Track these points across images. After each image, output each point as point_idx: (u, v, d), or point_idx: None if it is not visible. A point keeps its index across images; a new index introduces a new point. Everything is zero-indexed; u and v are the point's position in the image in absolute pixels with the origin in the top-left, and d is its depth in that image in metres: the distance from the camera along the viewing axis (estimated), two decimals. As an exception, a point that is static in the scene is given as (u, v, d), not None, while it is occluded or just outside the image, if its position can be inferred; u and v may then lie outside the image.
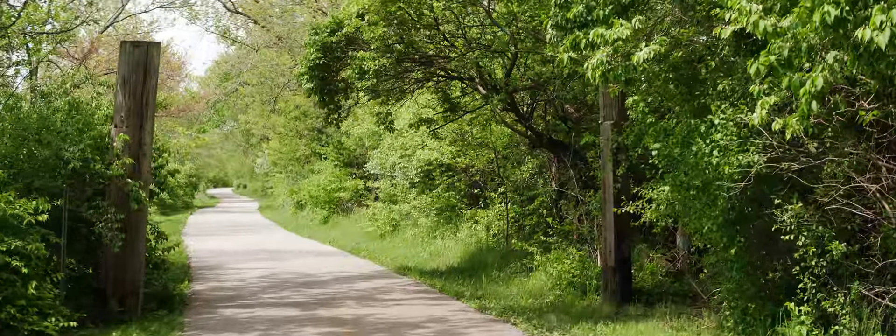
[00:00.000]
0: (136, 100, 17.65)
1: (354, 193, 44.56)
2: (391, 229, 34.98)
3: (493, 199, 27.60)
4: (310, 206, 48.92)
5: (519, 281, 21.35)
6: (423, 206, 32.31)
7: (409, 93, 24.80)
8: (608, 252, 18.03)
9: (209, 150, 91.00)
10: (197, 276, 24.75)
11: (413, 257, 28.13)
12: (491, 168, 29.06)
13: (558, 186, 24.85)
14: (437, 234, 30.61)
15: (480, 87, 23.17)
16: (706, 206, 13.56)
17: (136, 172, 17.45)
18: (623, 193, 17.52)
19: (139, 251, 17.78)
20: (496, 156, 27.92)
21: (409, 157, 32.09)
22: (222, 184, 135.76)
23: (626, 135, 15.97)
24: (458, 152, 29.47)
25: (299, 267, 26.44)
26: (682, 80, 13.91)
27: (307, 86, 22.77)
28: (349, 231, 38.87)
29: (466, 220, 29.42)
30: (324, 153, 49.70)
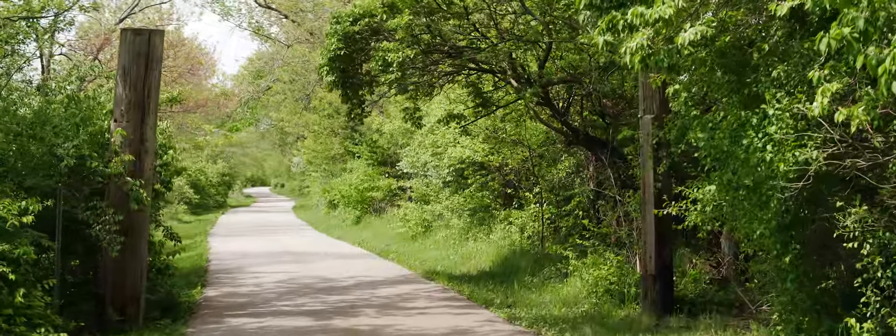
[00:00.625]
0: (137, 92, 16.43)
1: (387, 193, 43.27)
2: (423, 230, 33.64)
3: (527, 200, 26.22)
4: (342, 206, 47.69)
5: (552, 287, 19.91)
6: (456, 207, 30.94)
7: (438, 87, 23.41)
8: (648, 258, 16.54)
9: (244, 149, 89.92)
10: (212, 280, 23.51)
11: (443, 260, 26.77)
12: (525, 167, 27.66)
13: (596, 186, 23.47)
14: (470, 236, 29.26)
15: (513, 80, 21.74)
16: (757, 208, 12.06)
17: (137, 170, 16.26)
18: (664, 194, 16.02)
19: (141, 255, 16.54)
20: (531, 154, 26.50)
21: (441, 155, 30.71)
22: (260, 183, 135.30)
23: (668, 129, 14.52)
24: (491, 150, 28.05)
25: (322, 271, 25.15)
26: (730, 66, 12.41)
27: (328, 78, 21.42)
28: (380, 232, 37.59)
29: (500, 222, 28.05)
30: (357, 152, 48.43)
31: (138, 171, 16.25)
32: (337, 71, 21.14)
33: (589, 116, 23.44)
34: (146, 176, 16.43)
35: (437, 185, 32.94)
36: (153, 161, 16.96)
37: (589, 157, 23.99)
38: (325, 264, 27.05)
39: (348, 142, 51.29)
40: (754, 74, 12.08)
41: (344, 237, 38.12)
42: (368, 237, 36.57)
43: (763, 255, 13.31)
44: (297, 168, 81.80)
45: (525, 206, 26.58)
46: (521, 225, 26.34)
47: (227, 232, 43.32)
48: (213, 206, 67.33)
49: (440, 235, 31.21)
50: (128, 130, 16.21)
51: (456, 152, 29.36)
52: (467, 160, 29.25)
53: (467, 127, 25.56)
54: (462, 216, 30.71)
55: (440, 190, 32.90)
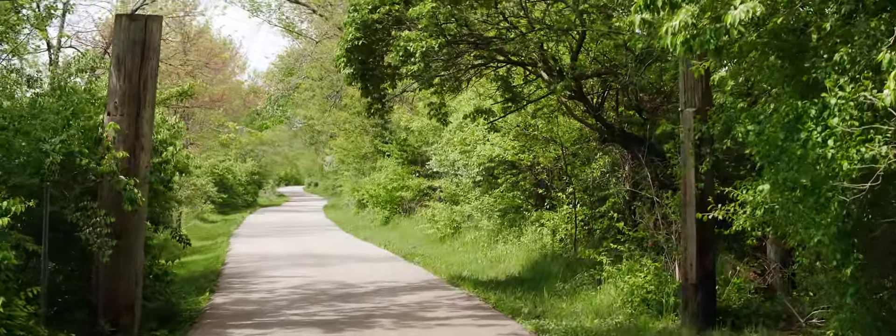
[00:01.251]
0: (132, 83, 15.15)
1: (417, 193, 41.90)
2: (452, 232, 32.24)
3: (560, 201, 24.82)
4: (371, 206, 46.42)
5: (585, 295, 18.45)
6: (486, 208, 29.51)
7: (464, 81, 22.01)
8: (689, 265, 15.06)
9: (275, 148, 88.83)
10: (224, 285, 22.23)
11: (470, 264, 25.38)
12: (558, 166, 26.23)
13: (632, 186, 22.16)
14: (499, 238, 27.86)
15: (544, 72, 20.31)
16: (813, 212, 10.57)
17: (131, 168, 14.97)
18: (707, 195, 14.54)
19: (135, 260, 15.22)
20: (563, 152, 25.06)
21: (470, 154, 29.29)
22: (294, 182, 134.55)
23: (712, 123, 13.07)
24: (521, 148, 26.62)
25: (342, 275, 23.86)
26: (785, 49, 10.93)
27: (346, 71, 20.02)
28: (408, 233, 36.29)
29: (531, 223, 26.64)
30: (387, 150, 47.12)
31: (133, 169, 14.95)
32: (355, 62, 19.76)
33: (624, 112, 22.02)
34: (141, 174, 15.13)
35: (466, 184, 31.55)
36: (150, 158, 15.67)
37: (624, 156, 22.70)
38: (346, 268, 25.75)
39: (378, 140, 49.98)
40: (812, 59, 10.58)
41: (371, 238, 36.84)
42: (395, 238, 35.30)
43: (821, 266, 11.81)
44: (330, 167, 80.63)
45: (557, 207, 25.26)
46: (553, 227, 24.97)
47: (251, 232, 42.34)
48: (242, 205, 66.35)
49: (469, 237, 29.82)
50: (122, 125, 14.92)
51: (485, 150, 27.94)
52: (497, 159, 27.84)
53: (496, 123, 24.04)
54: (492, 217, 29.32)
55: (470, 190, 31.50)
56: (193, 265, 27.06)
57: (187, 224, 43.36)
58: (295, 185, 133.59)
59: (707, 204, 14.03)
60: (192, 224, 45.64)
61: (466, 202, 31.44)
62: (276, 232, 42.60)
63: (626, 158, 22.62)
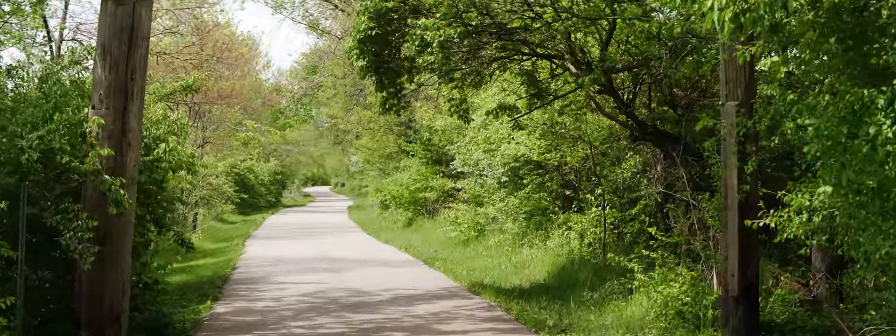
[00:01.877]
0: (118, 74, 13.79)
1: (441, 194, 40.52)
2: (475, 235, 30.86)
3: (588, 203, 23.40)
4: (393, 207, 45.09)
5: (615, 306, 16.99)
6: (510, 210, 28.08)
7: (487, 75, 20.59)
8: (730, 276, 13.57)
9: (300, 147, 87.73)
10: (228, 292, 20.90)
11: (493, 270, 23.98)
12: (586, 166, 24.81)
13: (664, 187, 20.73)
14: (525, 242, 26.48)
15: (571, 65, 18.88)
16: (880, 218, 9.14)
17: (117, 167, 13.59)
18: (753, 198, 13.07)
19: (121, 267, 13.87)
20: (592, 151, 23.64)
21: (494, 153, 27.87)
22: (321, 182, 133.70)
23: (760, 117, 11.62)
24: (548, 147, 25.20)
25: (357, 281, 22.50)
26: (846, 30, 9.46)
27: (358, 63, 18.67)
28: (431, 236, 34.93)
29: (558, 226, 25.23)
30: (411, 150, 45.77)
31: (119, 168, 13.59)
32: (369, 54, 18.40)
33: (657, 108, 20.58)
34: (129, 174, 13.78)
35: (491, 185, 30.14)
36: (138, 156, 14.30)
37: (656, 155, 21.42)
38: (362, 273, 24.41)
39: (402, 140, 48.68)
40: (882, 40, 9.12)
41: (392, 241, 35.49)
42: (417, 241, 33.97)
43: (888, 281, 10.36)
44: (356, 167, 79.58)
45: (585, 209, 23.90)
46: (581, 230, 23.59)
47: (269, 234, 41.21)
48: (264, 205, 65.33)
49: (493, 241, 28.43)
50: (107, 119, 13.57)
51: (510, 149, 26.54)
52: (522, 158, 26.43)
53: (520, 121, 22.54)
54: (517, 220, 27.89)
55: (494, 191, 30.09)
56: (202, 269, 25.78)
57: (204, 225, 42.20)
58: (322, 186, 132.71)
59: (752, 208, 12.56)
60: (211, 225, 44.52)
61: (491, 204, 30.04)
62: (296, 234, 41.43)
63: (658, 158, 21.34)
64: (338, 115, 63.53)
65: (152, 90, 20.53)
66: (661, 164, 21.18)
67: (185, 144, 21.49)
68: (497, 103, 21.52)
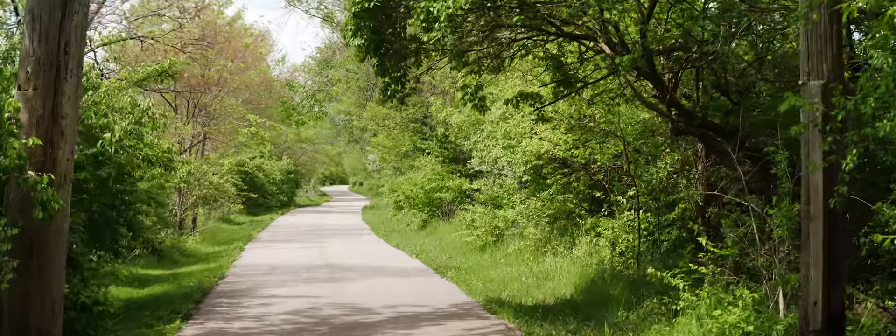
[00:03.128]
0: (49, 45, 11.14)
1: (458, 194, 37.84)
2: (494, 240, 28.11)
3: (620, 205, 20.69)
4: (407, 208, 42.44)
5: (658, 331, 14.19)
6: (532, 213, 25.24)
7: (507, 59, 17.82)
8: (812, 304, 10.59)
9: (315, 145, 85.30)
10: (206, 308, 18.15)
11: (513, 281, 21.25)
12: (617, 164, 22.06)
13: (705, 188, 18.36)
14: (548, 249, 23.75)
15: (605, 45, 16.06)
16: None
17: (46, 161, 10.91)
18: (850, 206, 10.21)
19: (51, 285, 11.19)
20: (625, 147, 20.88)
21: (514, 149, 25.06)
22: (340, 181, 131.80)
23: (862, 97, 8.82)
24: (575, 142, 22.44)
25: (356, 295, 19.79)
26: None
27: (354, 41, 15.86)
28: (445, 240, 32.26)
29: (585, 232, 22.49)
30: (426, 148, 43.11)
31: (49, 163, 10.95)
32: (367, 31, 15.63)
33: (703, 97, 17.81)
34: (61, 169, 11.11)
35: (510, 185, 27.35)
36: (72, 148, 11.57)
37: (697, 152, 19.21)
38: (366, 285, 21.65)
39: (417, 137, 46.05)
40: None
41: (403, 245, 32.74)
42: (430, 246, 31.30)
43: None
44: (373, 166, 77.32)
45: (617, 213, 21.29)
46: (612, 237, 20.86)
47: (273, 237, 38.71)
48: (276, 205, 63.04)
49: (512, 247, 25.62)
50: (34, 102, 10.95)
51: (532, 145, 23.73)
52: (546, 155, 23.64)
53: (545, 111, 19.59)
54: (539, 224, 25.06)
55: (514, 192, 27.30)
56: (187, 278, 23.10)
57: (204, 226, 39.65)
58: (340, 184, 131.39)
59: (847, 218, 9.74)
60: (214, 226, 42.04)
61: (510, 206, 27.23)
62: (301, 236, 38.89)
63: (699, 155, 19.05)
64: (351, 111, 60.97)
65: (124, 75, 17.98)
66: (702, 163, 18.87)
67: (162, 138, 18.82)
68: (518, 91, 18.60)
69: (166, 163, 18.09)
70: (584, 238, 22.41)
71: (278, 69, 64.00)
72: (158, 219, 26.08)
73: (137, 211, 18.13)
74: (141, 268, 24.40)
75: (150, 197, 19.84)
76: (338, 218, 54.84)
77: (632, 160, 21.02)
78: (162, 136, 19.12)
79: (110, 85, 16.58)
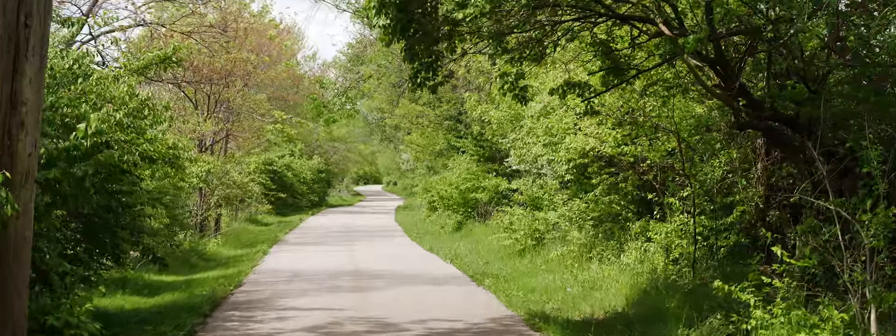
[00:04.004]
0: (6, 19, 9.28)
1: (494, 195, 35.93)
2: (533, 244, 26.13)
3: (673, 208, 18.83)
4: (441, 209, 40.55)
5: (726, 354, 12.28)
6: (575, 215, 23.18)
7: (550, 45, 15.83)
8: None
9: (348, 144, 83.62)
10: (214, 323, 16.26)
11: (556, 291, 19.29)
12: (670, 162, 20.10)
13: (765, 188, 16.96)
14: (594, 255, 21.78)
15: (663, 26, 14.05)
16: None
17: (3, 156, 9.08)
18: None
19: (11, 304, 9.39)
20: (680, 144, 18.91)
21: (557, 147, 23.04)
22: (374, 180, 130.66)
23: None
24: (624, 139, 20.47)
25: (383, 306, 17.93)
26: None
27: (379, 22, 13.86)
28: (482, 243, 30.31)
29: (634, 237, 20.55)
30: (461, 146, 41.22)
31: (6, 158, 9.12)
32: (392, 9, 13.67)
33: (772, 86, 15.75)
34: (20, 166, 9.27)
35: (551, 185, 25.33)
36: (36, 141, 9.70)
37: (757, 148, 17.54)
38: (394, 294, 19.76)
39: (452, 135, 44.18)
40: None
41: (437, 248, 30.86)
42: (466, 250, 29.35)
43: None
44: (407, 165, 75.81)
45: (669, 216, 19.45)
46: (665, 243, 18.90)
47: (300, 239, 37.00)
48: (306, 205, 61.54)
49: (554, 253, 23.60)
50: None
51: (577, 142, 21.73)
52: (591, 153, 21.64)
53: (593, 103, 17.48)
54: (583, 228, 23.03)
55: (555, 192, 25.25)
56: (201, 285, 21.28)
57: (227, 228, 37.86)
58: (374, 184, 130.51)
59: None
60: (240, 227, 40.32)
61: (551, 208, 25.21)
62: (330, 239, 37.18)
63: (759, 153, 17.44)
64: (383, 107, 59.24)
65: (123, 62, 16.21)
66: (763, 161, 17.25)
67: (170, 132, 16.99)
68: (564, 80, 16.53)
69: (172, 160, 16.26)
70: (633, 244, 20.50)
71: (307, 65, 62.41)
72: (172, 220, 24.26)
73: (138, 214, 16.27)
74: (154, 274, 22.69)
75: (155, 198, 18.01)
76: (370, 219, 53.19)
77: (687, 158, 19.10)
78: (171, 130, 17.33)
79: (105, 73, 14.74)
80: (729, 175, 18.76)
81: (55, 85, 13.52)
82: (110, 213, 15.03)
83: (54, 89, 13.47)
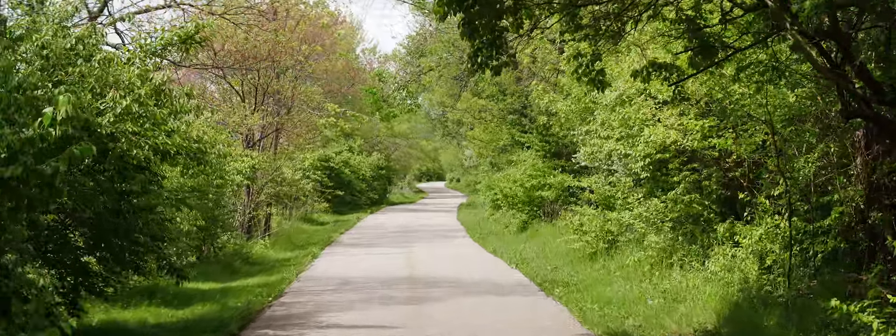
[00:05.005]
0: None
1: (561, 192, 33.68)
2: (605, 247, 23.85)
3: (763, 209, 16.85)
4: (505, 208, 38.41)
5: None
6: (653, 216, 20.85)
7: (631, 22, 13.63)
8: None
9: (409, 140, 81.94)
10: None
11: (636, 304, 17.11)
12: (759, 157, 17.82)
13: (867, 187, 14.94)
14: (675, 261, 19.49)
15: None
16: None
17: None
18: None
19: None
20: (773, 136, 16.64)
21: (634, 140, 20.71)
22: (437, 177, 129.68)
23: None
24: (710, 131, 18.21)
25: (441, 323, 15.91)
26: None
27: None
28: (549, 245, 28.13)
29: (720, 242, 18.27)
30: (525, 141, 39.05)
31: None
32: (447, -25, 11.59)
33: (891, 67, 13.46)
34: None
35: (625, 183, 23.00)
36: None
37: (855, 142, 15.53)
38: (452, 307, 17.69)
39: (516, 129, 42.02)
40: None
41: (501, 251, 28.80)
42: (532, 252, 27.29)
43: None
44: (469, 161, 74.24)
45: (757, 218, 17.12)
46: (757, 250, 16.62)
47: (356, 240, 35.18)
48: (365, 203, 60.07)
49: (630, 258, 21.26)
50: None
51: (657, 134, 19.45)
52: (672, 147, 19.37)
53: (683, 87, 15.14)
54: (661, 230, 20.71)
55: (629, 190, 22.88)
56: (238, 295, 19.34)
57: (279, 228, 36.04)
58: (437, 181, 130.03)
59: None
60: (293, 227, 38.55)
61: (625, 208, 22.89)
62: (387, 239, 35.34)
63: (858, 146, 15.36)
64: (444, 101, 57.30)
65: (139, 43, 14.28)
66: (863, 155, 15.25)
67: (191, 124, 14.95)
68: (649, 61, 14.25)
69: (197, 156, 14.21)
70: (719, 249, 18.21)
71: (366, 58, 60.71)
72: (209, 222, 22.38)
73: (154, 218, 14.18)
74: (193, 281, 20.85)
75: (179, 199, 15.99)
76: (430, 217, 51.40)
77: (781, 151, 16.84)
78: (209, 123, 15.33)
79: (113, 54, 12.72)
80: (821, 171, 16.52)
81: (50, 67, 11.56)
82: (119, 216, 13.04)
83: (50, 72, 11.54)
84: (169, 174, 18.27)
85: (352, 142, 59.84)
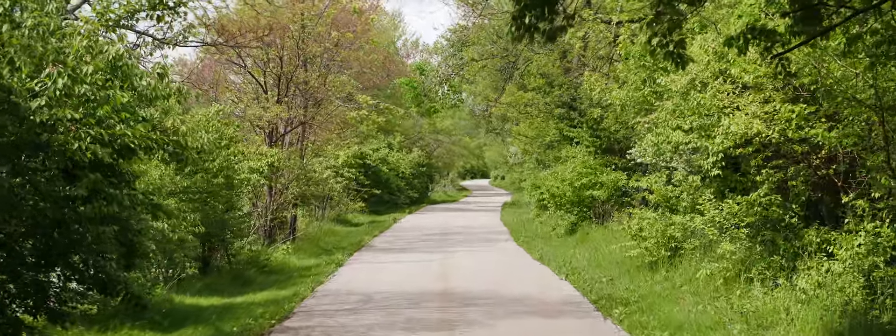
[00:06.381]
0: None
1: (614, 192, 30.69)
2: (668, 255, 20.74)
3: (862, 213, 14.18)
4: (552, 209, 35.45)
5: None
6: (725, 221, 17.61)
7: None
8: None
9: (452, 137, 79.37)
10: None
11: (713, 330, 14.10)
12: (856, 151, 14.83)
13: None
14: (754, 275, 16.31)
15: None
16: None
17: None
18: None
19: None
20: (883, 125, 13.63)
21: (710, 130, 17.46)
22: (481, 174, 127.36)
23: None
24: (804, 120, 15.11)
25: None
26: None
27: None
28: (601, 251, 25.24)
29: (811, 253, 15.21)
30: (574, 136, 36.06)
31: None
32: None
33: None
34: None
35: (691, 182, 19.76)
36: None
37: None
38: (491, 333, 14.64)
39: (564, 124, 39.06)
40: None
41: (548, 258, 25.92)
42: (583, 260, 24.39)
43: None
44: (514, 158, 71.80)
45: (853, 225, 14.30)
46: (857, 266, 13.57)
47: (390, 244, 32.57)
48: (405, 202, 57.78)
49: (701, 271, 18.01)
50: None
51: (737, 123, 16.21)
52: (756, 139, 16.17)
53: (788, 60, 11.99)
54: (737, 238, 17.49)
55: (696, 190, 19.62)
56: (239, 314, 16.45)
57: (306, 230, 33.23)
58: (481, 178, 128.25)
59: None
60: (324, 228, 35.90)
61: (694, 211, 19.65)
62: (424, 243, 32.65)
63: None
64: (487, 95, 54.64)
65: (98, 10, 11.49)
66: None
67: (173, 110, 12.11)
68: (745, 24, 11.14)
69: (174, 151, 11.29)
70: (809, 261, 15.13)
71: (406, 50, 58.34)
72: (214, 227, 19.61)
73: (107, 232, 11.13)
74: (195, 295, 18.10)
75: (154, 204, 13.00)
76: (472, 218, 48.72)
77: (890, 140, 13.85)
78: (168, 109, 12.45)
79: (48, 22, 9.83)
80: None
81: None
82: (61, 227, 10.17)
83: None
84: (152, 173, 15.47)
85: (391, 138, 57.29)
